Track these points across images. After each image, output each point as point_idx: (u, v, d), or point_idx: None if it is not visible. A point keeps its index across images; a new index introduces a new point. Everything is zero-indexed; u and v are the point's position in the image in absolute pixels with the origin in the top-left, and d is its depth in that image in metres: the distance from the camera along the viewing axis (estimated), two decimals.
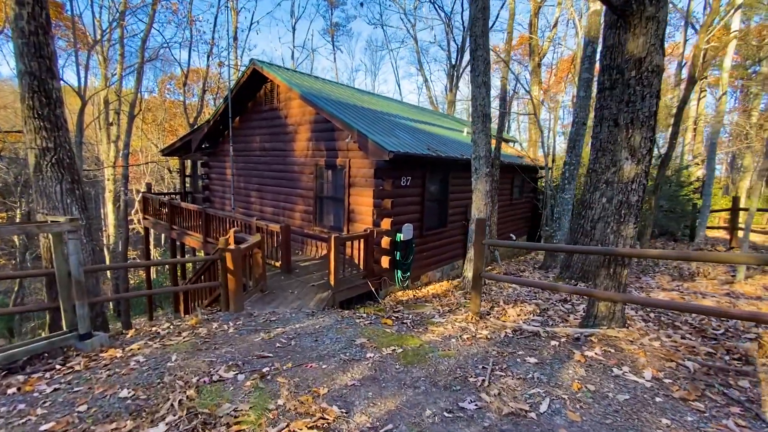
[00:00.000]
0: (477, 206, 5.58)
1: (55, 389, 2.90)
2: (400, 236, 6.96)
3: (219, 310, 5.70)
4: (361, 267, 6.60)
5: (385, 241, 6.72)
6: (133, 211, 24.05)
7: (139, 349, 3.75)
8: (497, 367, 2.92)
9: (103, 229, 24.94)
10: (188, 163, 15.03)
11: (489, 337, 3.67)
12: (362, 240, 6.42)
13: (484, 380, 2.70)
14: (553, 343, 3.37)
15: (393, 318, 4.59)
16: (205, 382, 2.86)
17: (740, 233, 8.05)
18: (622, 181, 3.13)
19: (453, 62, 24.54)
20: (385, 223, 6.75)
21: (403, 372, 2.95)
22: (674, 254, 3.37)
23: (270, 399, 2.56)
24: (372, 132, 6.52)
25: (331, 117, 6.86)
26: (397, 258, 7.04)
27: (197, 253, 17.23)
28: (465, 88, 27.13)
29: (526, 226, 13.38)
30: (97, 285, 4.39)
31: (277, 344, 3.77)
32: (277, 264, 7.09)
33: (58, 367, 3.35)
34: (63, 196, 4.09)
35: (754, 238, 9.45)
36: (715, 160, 8.31)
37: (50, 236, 3.70)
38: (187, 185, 13.95)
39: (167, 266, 23.32)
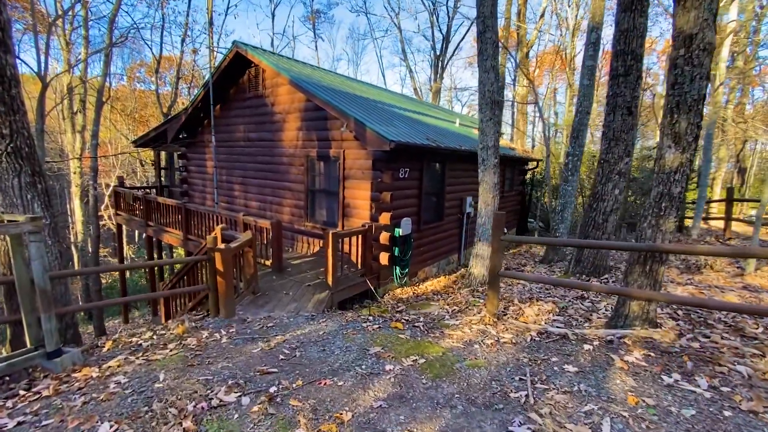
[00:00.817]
0: (484, 199, 5.29)
1: (19, 423, 2.41)
2: (399, 231, 6.61)
3: (207, 314, 5.21)
4: (359, 264, 6.21)
5: (383, 237, 6.36)
6: (102, 207, 22.64)
7: (119, 366, 3.26)
8: (536, 379, 2.63)
9: (71, 226, 23.43)
10: (164, 155, 14.13)
11: (514, 341, 3.38)
12: (360, 236, 6.03)
13: (527, 396, 2.40)
14: (586, 347, 3.11)
15: (403, 321, 4.25)
16: (203, 408, 2.44)
17: (734, 224, 8.16)
18: (663, 171, 2.88)
19: (437, 52, 24.19)
20: (384, 218, 6.38)
21: (432, 388, 2.61)
22: (729, 251, 3.14)
23: (286, 430, 2.18)
24: (370, 121, 6.10)
25: (325, 104, 6.38)
26: (396, 254, 6.69)
27: (176, 252, 16.35)
28: (447, 79, 26.85)
29: (516, 218, 13.30)
30: (66, 292, 3.84)
31: (280, 356, 3.36)
32: (268, 263, 6.61)
33: (22, 393, 2.84)
34: (22, 191, 3.51)
35: (738, 228, 9.62)
36: (711, 150, 8.36)
37: (8, 239, 3.14)
38: (163, 179, 13.10)
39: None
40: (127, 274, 21.11)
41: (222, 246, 4.41)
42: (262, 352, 3.49)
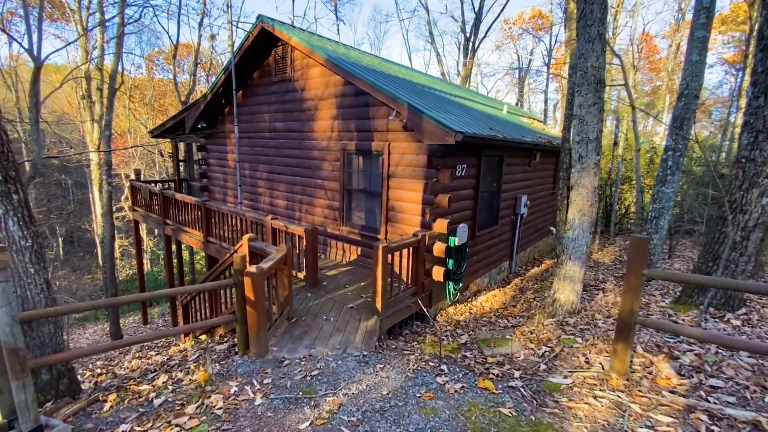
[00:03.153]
0: (579, 207, 4.14)
1: None
2: (454, 240, 5.53)
3: (233, 345, 4.30)
4: (408, 281, 5.19)
5: (438, 248, 5.30)
6: (122, 197, 22.34)
7: None
8: None
9: (93, 217, 23.28)
10: (182, 146, 13.36)
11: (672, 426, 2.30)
12: (412, 248, 4.98)
13: None
14: None
15: (493, 377, 3.21)
16: None
17: None
18: None
19: (467, 34, 22.55)
20: (440, 225, 5.31)
21: None
22: None
23: None
24: (427, 108, 4.99)
25: (371, 88, 5.29)
26: (450, 267, 5.64)
27: (196, 253, 15.70)
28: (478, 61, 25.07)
29: (555, 222, 11.99)
30: (56, 332, 2.94)
31: None
32: (300, 275, 5.68)
33: None
34: None
35: None
36: None
37: None
38: (182, 171, 12.33)
39: (161, 258, 21.87)
40: (147, 266, 20.83)
41: (253, 269, 3.45)
42: (311, 428, 2.52)
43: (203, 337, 5.76)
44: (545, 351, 3.76)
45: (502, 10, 24.79)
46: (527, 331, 4.55)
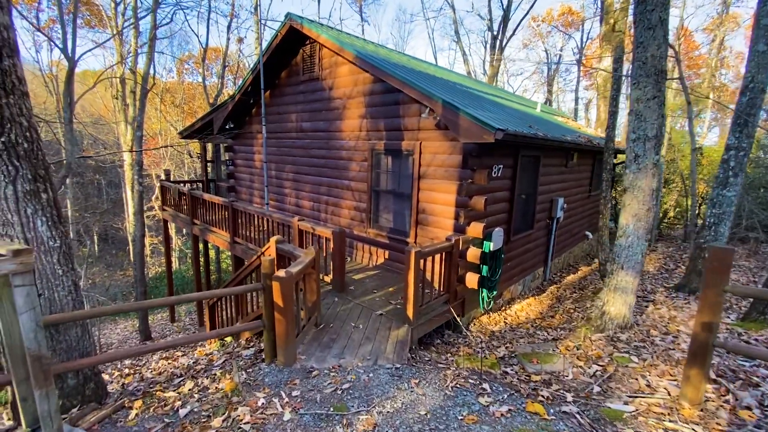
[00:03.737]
0: (634, 212, 3.76)
1: None
2: (489, 245, 5.21)
3: (259, 351, 4.16)
4: (440, 288, 4.91)
5: (472, 254, 4.99)
6: (153, 197, 23.05)
7: None
8: None
9: (125, 216, 24.16)
10: (210, 147, 13.56)
11: None
12: (445, 253, 4.71)
13: None
14: None
15: (542, 400, 2.90)
16: None
17: None
18: None
19: (494, 32, 21.99)
20: (475, 229, 5.01)
21: None
22: None
23: None
24: (463, 105, 4.71)
25: (403, 85, 5.06)
26: (484, 274, 5.32)
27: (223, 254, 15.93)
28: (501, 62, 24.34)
29: (596, 223, 11.35)
30: (83, 336, 2.85)
31: None
32: (327, 278, 5.50)
33: None
34: (19, 204, 2.52)
35: None
36: None
37: None
38: (210, 172, 12.50)
39: (189, 256, 22.40)
40: (175, 265, 21.34)
41: (282, 273, 3.28)
42: None
43: (229, 339, 5.69)
44: (597, 370, 3.40)
45: (531, 7, 23.98)
46: (572, 346, 4.18)
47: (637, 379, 3.11)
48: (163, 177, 10.87)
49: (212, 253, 16.62)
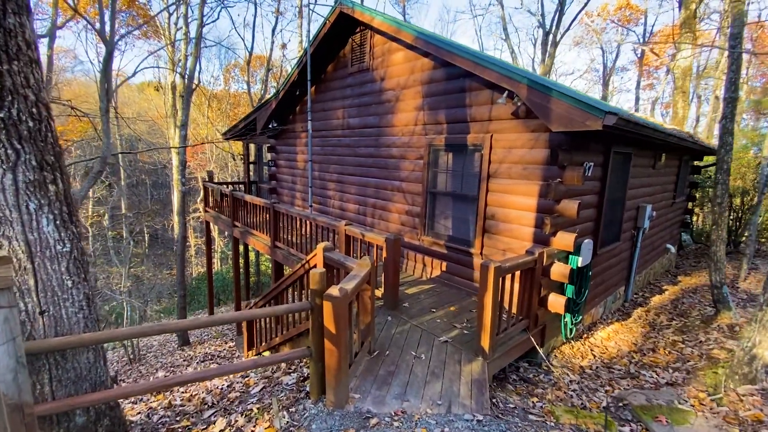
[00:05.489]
0: None
1: None
2: (577, 260, 4.24)
3: (302, 379, 3.48)
4: (517, 312, 4.01)
5: (558, 270, 4.04)
6: (198, 199, 23.68)
7: None
8: None
9: (172, 216, 25.05)
10: (253, 148, 13.43)
11: None
12: (525, 269, 3.81)
13: None
14: None
15: None
16: None
17: None
18: None
19: (547, 28, 20.59)
20: (562, 240, 4.08)
21: None
22: None
23: None
24: (553, 85, 3.82)
25: (475, 65, 4.25)
26: (569, 295, 4.35)
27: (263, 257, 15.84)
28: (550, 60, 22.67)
29: (676, 234, 9.82)
30: (96, 362, 2.29)
31: None
32: (378, 293, 4.77)
33: None
34: (19, 196, 1.99)
35: None
36: None
37: None
38: (252, 174, 12.30)
39: (230, 258, 22.72)
40: (216, 266, 21.64)
41: (335, 291, 2.57)
42: None
43: (266, 353, 5.11)
44: None
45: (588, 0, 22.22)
46: (704, 398, 3.14)
47: None
48: (206, 178, 10.73)
49: (252, 255, 16.52)
